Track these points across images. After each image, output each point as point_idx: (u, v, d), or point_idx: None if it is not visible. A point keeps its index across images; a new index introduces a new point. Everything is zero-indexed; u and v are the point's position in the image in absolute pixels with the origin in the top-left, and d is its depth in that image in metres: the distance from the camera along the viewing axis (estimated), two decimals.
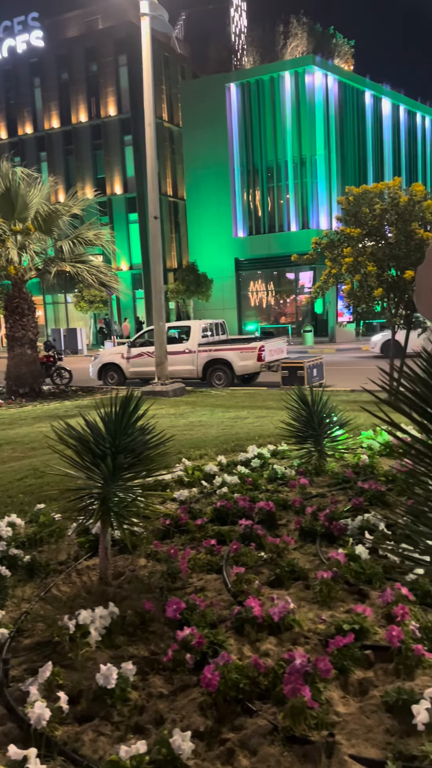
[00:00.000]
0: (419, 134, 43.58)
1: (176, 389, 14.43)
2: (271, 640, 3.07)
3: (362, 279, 11.95)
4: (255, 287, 38.41)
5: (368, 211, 11.81)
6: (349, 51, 42.82)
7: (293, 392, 6.51)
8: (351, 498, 4.95)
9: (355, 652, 2.83)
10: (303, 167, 35.44)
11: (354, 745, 2.34)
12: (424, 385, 2.43)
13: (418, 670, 2.75)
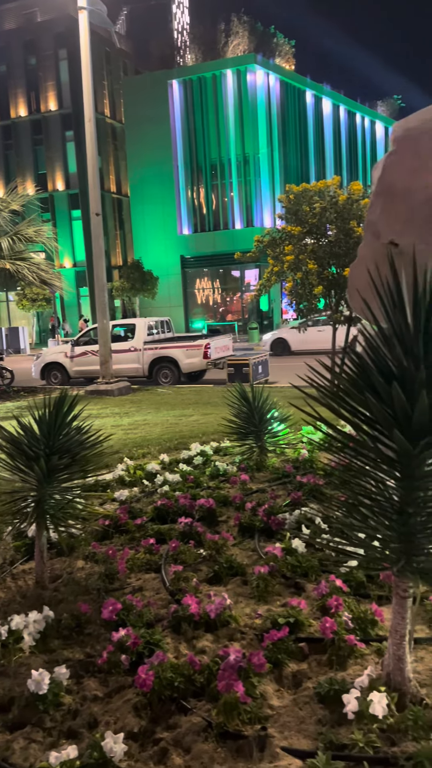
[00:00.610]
0: (359, 134, 44.49)
1: (121, 388, 14.31)
2: (207, 637, 3.08)
3: (303, 276, 12.11)
4: (201, 285, 38.45)
5: (308, 209, 11.98)
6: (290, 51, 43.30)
7: (234, 389, 6.54)
8: (290, 492, 5.01)
9: (290, 645, 2.86)
10: (246, 165, 35.67)
11: (286, 737, 2.37)
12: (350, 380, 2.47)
13: (350, 660, 2.80)
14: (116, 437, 8.00)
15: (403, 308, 2.39)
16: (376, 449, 2.45)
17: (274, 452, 6.41)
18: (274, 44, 42.50)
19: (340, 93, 41.46)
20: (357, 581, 3.45)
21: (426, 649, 2.86)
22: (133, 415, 10.74)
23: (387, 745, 2.27)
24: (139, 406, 12.09)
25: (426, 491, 2.45)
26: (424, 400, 2.11)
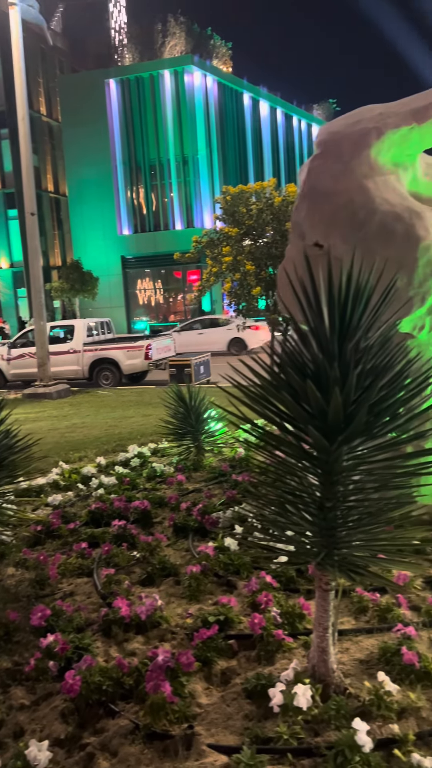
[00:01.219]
0: (296, 137, 45.17)
1: (60, 390, 14.07)
2: (138, 639, 3.07)
3: (242, 277, 12.22)
4: (143, 285, 38.22)
5: (245, 210, 12.09)
6: (226, 53, 43.54)
7: (171, 390, 6.54)
8: (226, 491, 5.04)
9: (219, 643, 2.89)
10: (186, 166, 35.68)
11: (213, 734, 2.39)
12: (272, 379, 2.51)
13: (278, 655, 2.85)
14: (53, 441, 7.87)
15: (319, 308, 2.45)
16: (296, 446, 2.50)
17: (211, 452, 6.44)
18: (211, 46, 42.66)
19: (276, 96, 41.99)
20: (287, 576, 3.51)
21: (351, 640, 2.94)
22: (71, 418, 10.58)
23: (311, 736, 2.32)
24: (78, 408, 11.92)
25: (345, 486, 2.52)
26: (338, 397, 2.16)
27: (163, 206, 36.63)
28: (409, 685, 2.55)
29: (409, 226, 3.78)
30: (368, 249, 3.77)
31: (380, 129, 4.00)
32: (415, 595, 3.32)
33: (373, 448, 2.50)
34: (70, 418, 10.67)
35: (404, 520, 2.71)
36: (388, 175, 4.04)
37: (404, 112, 4.06)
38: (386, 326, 2.53)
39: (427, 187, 4.30)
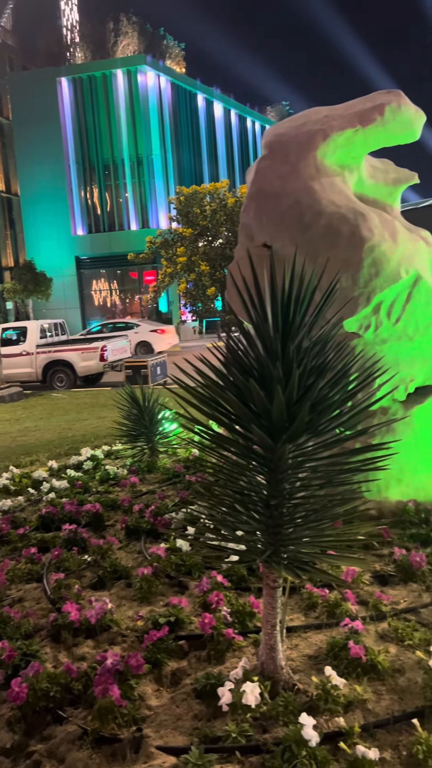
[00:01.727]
0: (250, 138, 45.47)
1: (13, 394, 13.83)
2: (88, 644, 3.04)
3: (196, 278, 12.23)
4: (98, 286, 37.85)
5: (199, 211, 12.11)
6: (180, 53, 43.53)
7: (124, 391, 6.50)
8: (179, 492, 5.04)
9: (170, 644, 2.88)
10: (140, 166, 35.50)
11: (162, 736, 2.38)
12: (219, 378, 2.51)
13: (228, 654, 2.86)
14: (3, 445, 7.73)
15: (263, 308, 2.46)
16: (243, 446, 2.51)
17: (165, 453, 6.42)
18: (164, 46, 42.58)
19: (230, 97, 42.19)
20: (238, 576, 3.52)
21: (301, 636, 2.97)
22: (23, 422, 10.41)
23: (259, 733, 2.33)
24: (31, 411, 11.74)
25: (291, 483, 2.54)
26: (280, 396, 2.18)
27: (118, 206, 36.37)
28: (355, 679, 2.60)
29: (354, 227, 3.85)
30: (315, 250, 3.82)
31: (326, 131, 4.06)
32: (362, 590, 3.38)
33: (318, 445, 2.54)
34: (23, 421, 10.50)
35: (350, 516, 2.76)
36: (334, 176, 4.11)
37: (349, 115, 4.13)
38: (329, 325, 2.57)
39: (372, 189, 4.39)
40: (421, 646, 2.78)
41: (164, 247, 12.91)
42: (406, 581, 3.44)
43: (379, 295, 3.90)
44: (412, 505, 4.19)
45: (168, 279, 12.98)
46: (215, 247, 12.51)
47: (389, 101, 4.06)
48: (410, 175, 4.51)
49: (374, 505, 4.22)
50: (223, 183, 12.68)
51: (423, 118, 4.22)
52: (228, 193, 12.48)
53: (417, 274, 3.96)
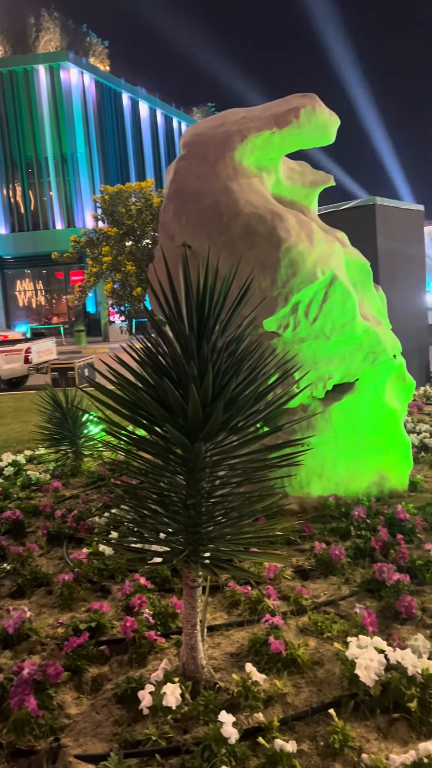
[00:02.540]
0: (176, 138, 45.45)
1: None
2: (6, 654, 2.94)
3: (123, 278, 12.11)
4: (23, 286, 36.92)
5: (124, 210, 11.99)
6: (103, 51, 42.98)
7: (45, 394, 6.35)
8: (104, 495, 4.97)
9: (91, 649, 2.83)
10: (65, 164, 34.86)
11: (81, 744, 2.33)
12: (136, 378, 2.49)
13: (150, 656, 2.84)
14: None
15: (179, 307, 2.46)
16: (160, 446, 2.49)
17: (90, 456, 6.31)
18: (88, 43, 41.93)
19: (155, 97, 42.06)
20: (162, 577, 3.51)
21: (223, 635, 2.98)
22: None
23: (180, 734, 2.32)
24: None
25: (209, 482, 2.55)
26: (195, 395, 2.18)
27: (42, 205, 35.58)
28: (276, 674, 2.63)
29: (271, 228, 3.90)
30: (233, 250, 3.85)
31: (243, 132, 4.09)
32: (284, 585, 3.43)
33: (236, 443, 2.55)
34: None
35: (272, 512, 2.80)
36: (252, 177, 4.15)
37: (266, 117, 4.19)
38: (244, 324, 2.59)
39: (290, 190, 4.46)
40: (339, 638, 2.84)
41: (89, 246, 12.72)
42: (326, 575, 3.51)
43: (296, 295, 3.97)
44: (333, 499, 4.29)
45: (94, 279, 12.79)
46: (142, 247, 12.42)
47: (304, 104, 4.15)
48: (326, 178, 4.62)
49: (296, 500, 4.30)
50: (148, 182, 12.61)
51: (337, 122, 4.32)
52: (153, 193, 12.42)
53: (333, 275, 4.05)
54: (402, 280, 9.72)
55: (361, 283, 4.59)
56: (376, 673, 2.41)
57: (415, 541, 3.80)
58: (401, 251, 9.78)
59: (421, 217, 10.78)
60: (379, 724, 2.33)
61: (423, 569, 3.34)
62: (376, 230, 9.05)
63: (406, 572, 3.33)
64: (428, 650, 2.63)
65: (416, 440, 5.97)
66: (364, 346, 4.30)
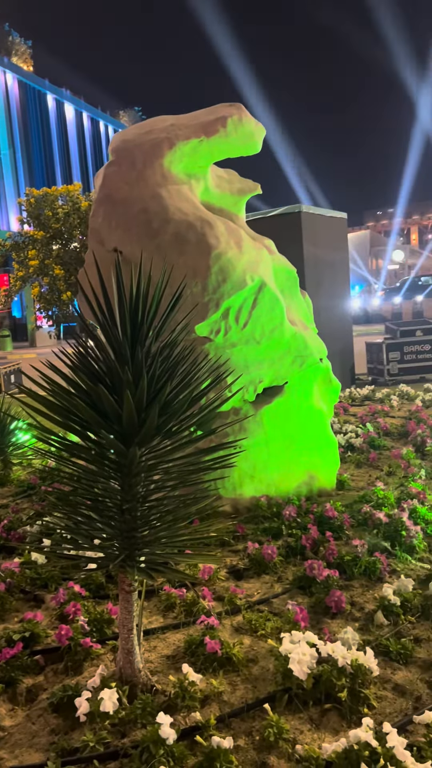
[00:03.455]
0: (104, 142, 45.12)
1: None
2: None
3: (51, 282, 11.91)
4: None
5: (51, 213, 11.81)
6: (26, 51, 42.13)
7: None
8: (35, 504, 4.88)
9: (25, 660, 2.79)
10: None
11: (17, 756, 2.30)
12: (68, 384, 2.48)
13: (86, 663, 2.82)
14: None
15: (111, 312, 2.47)
16: (95, 452, 2.49)
17: (20, 464, 6.18)
18: (10, 43, 40.99)
19: (80, 99, 41.59)
20: (96, 584, 3.49)
21: (159, 638, 3.00)
22: None
23: (117, 739, 2.33)
24: None
25: (145, 486, 2.57)
26: (130, 400, 2.20)
27: None
28: (212, 673, 2.67)
29: (201, 236, 3.96)
30: (164, 256, 3.89)
31: (172, 140, 4.14)
32: (219, 585, 3.48)
33: (171, 447, 2.59)
34: None
35: (206, 514, 2.85)
36: (181, 185, 4.20)
37: (194, 125, 4.25)
38: (178, 330, 2.63)
39: (219, 198, 4.54)
40: (273, 634, 2.92)
41: (15, 249, 12.45)
42: (259, 574, 3.59)
43: (227, 301, 4.04)
44: (265, 500, 4.38)
45: (20, 283, 12.51)
46: (70, 251, 12.28)
47: (231, 114, 4.24)
48: (254, 186, 4.72)
49: (229, 502, 4.37)
50: (75, 186, 12.46)
51: (263, 132, 4.44)
52: (81, 197, 12.29)
53: (261, 281, 4.16)
54: (327, 285, 10.03)
55: (289, 289, 4.72)
56: (308, 667, 2.50)
57: (343, 537, 3.94)
58: (326, 258, 10.09)
59: (344, 225, 11.16)
60: (312, 716, 2.41)
61: (351, 565, 3.48)
62: (302, 237, 9.30)
63: (336, 568, 3.45)
64: (357, 642, 2.75)
65: (342, 440, 6.18)
66: (292, 350, 4.42)
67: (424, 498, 4.39)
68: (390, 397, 8.90)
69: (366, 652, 2.56)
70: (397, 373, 11.14)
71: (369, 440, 6.22)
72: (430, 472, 5.18)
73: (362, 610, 3.13)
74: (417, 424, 6.76)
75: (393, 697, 2.50)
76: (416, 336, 11.16)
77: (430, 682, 2.57)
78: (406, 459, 5.52)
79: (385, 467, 5.48)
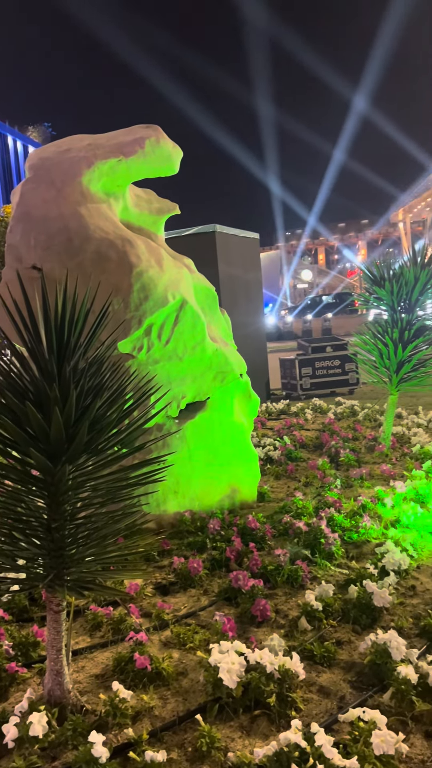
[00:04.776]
0: (12, 157, 44.14)
1: None
2: None
3: None
4: None
5: None
6: None
7: None
8: None
9: None
10: None
11: None
12: None
13: (12, 688, 2.75)
14: None
15: (36, 330, 2.46)
16: (20, 471, 2.46)
17: None
18: None
19: None
20: (19, 607, 3.41)
21: (87, 658, 2.97)
22: None
23: (48, 763, 2.29)
24: None
25: (72, 504, 2.56)
26: (58, 417, 2.20)
27: None
28: (142, 689, 2.68)
29: (122, 254, 4.00)
30: (86, 273, 3.89)
31: (90, 159, 4.16)
32: (146, 601, 3.49)
33: (98, 464, 2.59)
34: None
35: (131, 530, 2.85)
36: (101, 203, 4.23)
37: (112, 145, 4.30)
38: (104, 347, 2.65)
39: (138, 217, 4.60)
40: (201, 646, 2.96)
41: None
42: (185, 588, 3.62)
43: (149, 318, 4.09)
44: (189, 514, 4.43)
45: None
46: None
47: (149, 136, 4.31)
48: (172, 206, 4.82)
49: (154, 518, 4.38)
50: None
51: (180, 154, 4.54)
52: None
53: (183, 299, 4.23)
54: (242, 303, 10.28)
55: (209, 306, 4.83)
56: (237, 675, 2.56)
57: (266, 548, 4.05)
58: (240, 277, 10.35)
59: (257, 245, 11.49)
60: (242, 723, 2.46)
61: (274, 574, 3.58)
62: (217, 256, 9.50)
63: (260, 578, 3.54)
64: (283, 648, 2.83)
65: (262, 453, 6.33)
66: (213, 366, 4.52)
67: (340, 506, 4.58)
68: (304, 411, 9.19)
69: (292, 657, 2.65)
70: (309, 388, 11.52)
71: (286, 452, 6.41)
72: (345, 481, 5.40)
73: (287, 617, 3.23)
74: (330, 436, 7.03)
75: (319, 699, 2.59)
76: (326, 352, 11.60)
77: (353, 682, 2.69)
78: (322, 469, 5.73)
79: (303, 478, 5.67)
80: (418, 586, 3.48)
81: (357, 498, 4.69)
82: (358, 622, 3.12)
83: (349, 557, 3.90)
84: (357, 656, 2.85)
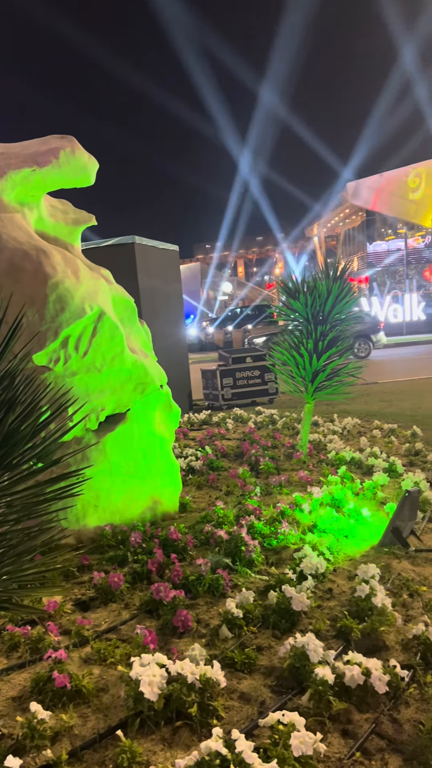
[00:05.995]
0: None
1: None
2: None
3: None
4: None
5: None
6: None
7: None
8: None
9: None
10: None
11: None
12: None
13: None
14: None
15: None
16: None
17: None
18: None
19: None
20: None
21: (3, 680, 2.87)
22: None
23: None
24: None
25: None
26: None
27: None
28: (62, 708, 2.62)
29: (37, 264, 3.93)
30: None
31: (3, 168, 4.08)
32: (65, 619, 3.41)
33: (13, 479, 2.53)
34: None
35: (49, 547, 2.80)
36: (14, 213, 4.14)
37: (25, 155, 4.23)
38: (17, 359, 2.60)
39: (53, 228, 4.54)
40: (122, 661, 2.93)
41: None
42: (106, 603, 3.58)
43: (66, 330, 4.03)
44: (109, 528, 4.37)
45: None
46: None
47: (64, 146, 4.28)
48: (88, 217, 4.78)
49: (73, 533, 4.30)
50: None
51: (96, 165, 4.53)
52: None
53: (101, 310, 4.20)
54: (162, 315, 10.30)
55: (128, 318, 4.81)
56: (159, 687, 2.54)
57: (187, 558, 4.06)
58: (160, 288, 10.37)
59: (177, 257, 11.55)
60: (164, 735, 2.45)
61: (196, 583, 3.59)
62: (137, 268, 9.49)
63: (181, 588, 3.54)
64: (204, 657, 2.85)
65: (184, 464, 6.35)
66: (133, 377, 4.50)
67: (260, 513, 4.66)
68: (225, 421, 9.29)
69: (213, 665, 2.66)
70: (230, 398, 11.66)
71: (208, 462, 6.46)
72: (265, 489, 5.50)
73: (208, 626, 3.25)
74: (251, 445, 7.14)
75: (240, 705, 2.62)
76: (246, 363, 11.79)
77: (273, 687, 2.74)
78: (243, 478, 5.81)
79: (224, 487, 5.72)
80: (335, 589, 3.59)
81: (276, 505, 4.78)
82: (277, 627, 3.18)
83: (269, 563, 3.97)
84: (277, 661, 2.90)
